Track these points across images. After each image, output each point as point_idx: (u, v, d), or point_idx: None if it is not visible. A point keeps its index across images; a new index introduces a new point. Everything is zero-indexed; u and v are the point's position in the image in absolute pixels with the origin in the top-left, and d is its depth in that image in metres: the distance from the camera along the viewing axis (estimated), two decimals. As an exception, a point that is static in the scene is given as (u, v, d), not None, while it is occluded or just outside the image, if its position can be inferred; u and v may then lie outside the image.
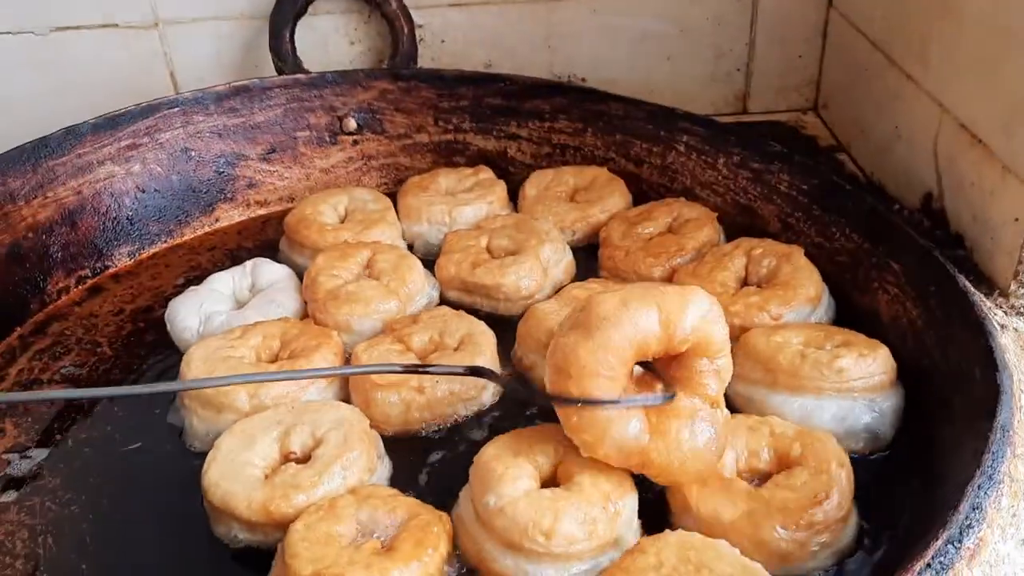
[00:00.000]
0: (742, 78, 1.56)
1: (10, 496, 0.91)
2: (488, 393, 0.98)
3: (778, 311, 0.99)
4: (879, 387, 0.90)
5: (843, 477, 0.79)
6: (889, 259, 1.03)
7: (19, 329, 1.13)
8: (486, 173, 1.32)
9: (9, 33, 1.43)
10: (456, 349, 0.99)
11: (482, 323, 1.03)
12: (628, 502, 0.79)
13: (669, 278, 1.09)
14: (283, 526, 0.81)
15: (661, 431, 0.78)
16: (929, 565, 0.64)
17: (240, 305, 1.11)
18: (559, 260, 1.15)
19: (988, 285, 1.03)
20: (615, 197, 1.24)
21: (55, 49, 1.45)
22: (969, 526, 0.67)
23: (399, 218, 1.26)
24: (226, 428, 0.92)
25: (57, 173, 1.20)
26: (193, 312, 1.08)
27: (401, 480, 0.90)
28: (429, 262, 1.17)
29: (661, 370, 0.81)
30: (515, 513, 0.76)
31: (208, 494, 0.84)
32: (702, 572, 0.70)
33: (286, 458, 0.88)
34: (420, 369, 0.93)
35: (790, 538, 0.75)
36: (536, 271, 1.10)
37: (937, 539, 0.65)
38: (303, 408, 0.92)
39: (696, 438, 0.78)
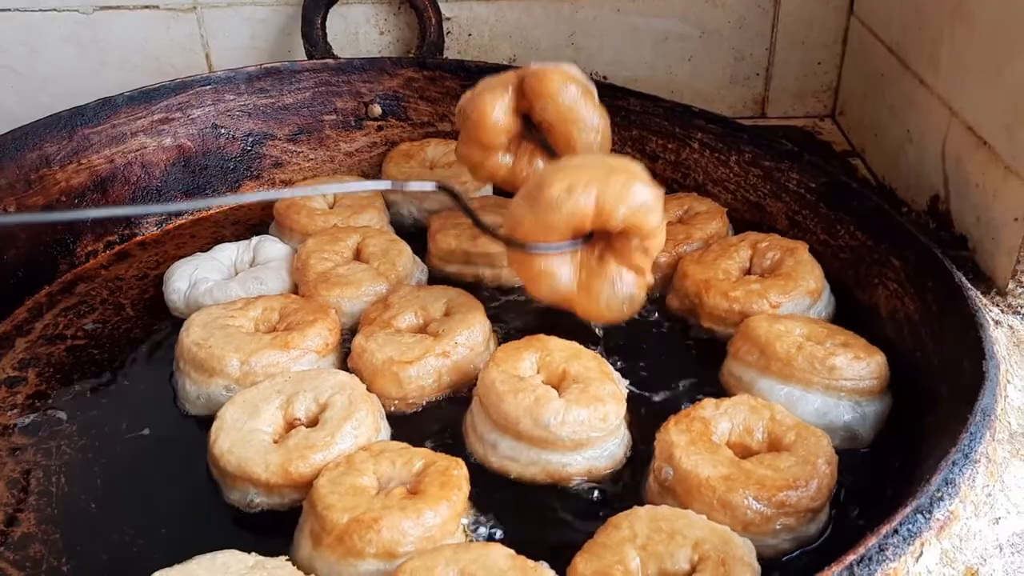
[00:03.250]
0: (761, 82, 1.59)
1: (29, 439, 0.96)
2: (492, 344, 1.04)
3: (777, 299, 1.02)
4: (867, 391, 0.92)
5: (826, 473, 0.81)
6: (890, 256, 1.05)
7: (48, 288, 1.19)
8: None
9: (55, 10, 1.49)
10: (447, 315, 1.03)
11: (443, 287, 1.09)
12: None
13: (674, 265, 1.12)
14: (299, 487, 0.84)
15: (586, 288, 0.96)
16: (896, 531, 0.66)
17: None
18: None
19: (987, 284, 1.05)
20: None
21: (97, 27, 1.51)
22: (940, 498, 0.69)
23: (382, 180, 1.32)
24: (216, 392, 0.97)
25: (92, 141, 1.25)
26: (185, 276, 1.12)
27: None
28: (404, 232, 1.23)
29: (599, 236, 0.96)
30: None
31: (221, 461, 0.86)
32: (676, 538, 0.73)
33: (291, 425, 0.91)
34: (399, 185, 1.03)
35: (757, 509, 0.78)
36: None
37: (906, 507, 0.67)
38: (300, 376, 0.95)
39: (613, 296, 0.95)
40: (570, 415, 0.87)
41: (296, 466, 0.84)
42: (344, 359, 1.04)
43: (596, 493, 0.89)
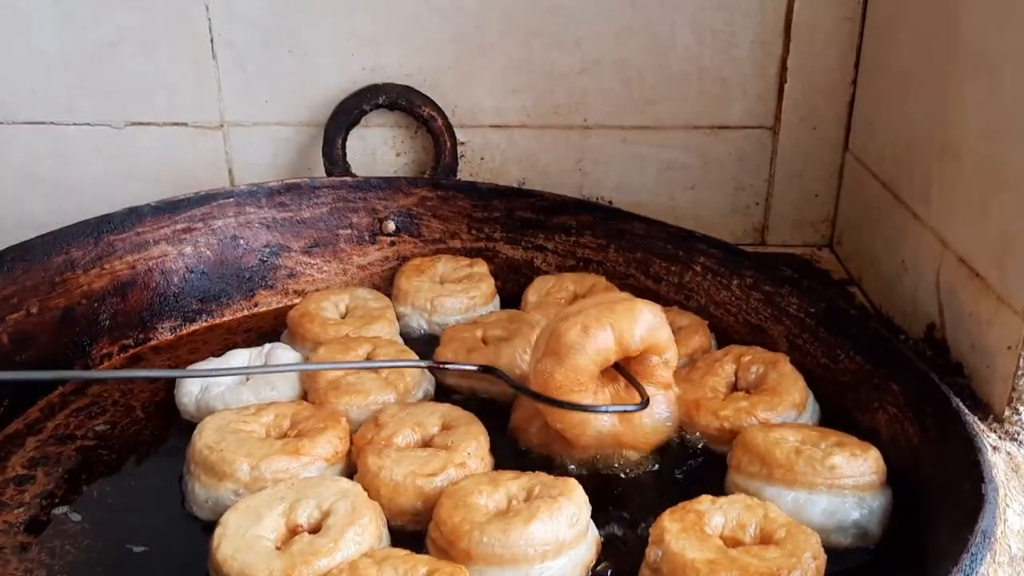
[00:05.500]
0: (761, 211, 1.65)
1: (33, 537, 0.96)
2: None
3: (765, 416, 1.06)
4: (868, 486, 0.94)
5: (811, 568, 0.83)
6: (889, 381, 1.07)
7: (61, 388, 1.20)
8: (480, 267, 1.41)
9: (88, 124, 1.57)
10: (444, 429, 1.05)
11: (432, 403, 1.11)
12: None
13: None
14: None
15: (628, 420, 1.02)
16: (901, 650, 0.66)
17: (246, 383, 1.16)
18: None
19: (984, 410, 1.07)
20: None
21: (127, 141, 1.58)
22: (944, 619, 0.70)
23: (392, 295, 1.37)
24: (225, 496, 0.97)
25: (116, 248, 1.30)
26: (198, 380, 1.15)
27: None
28: (412, 341, 1.27)
29: (623, 364, 1.04)
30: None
31: (224, 568, 0.86)
32: None
33: (293, 531, 0.91)
34: (440, 364, 1.14)
35: None
36: (527, 353, 1.17)
37: (910, 626, 0.68)
38: (303, 483, 0.95)
39: (655, 419, 1.04)
40: (578, 499, 0.90)
41: (300, 571, 0.84)
42: (351, 467, 1.04)
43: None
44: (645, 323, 0.99)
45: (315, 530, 0.91)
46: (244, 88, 1.56)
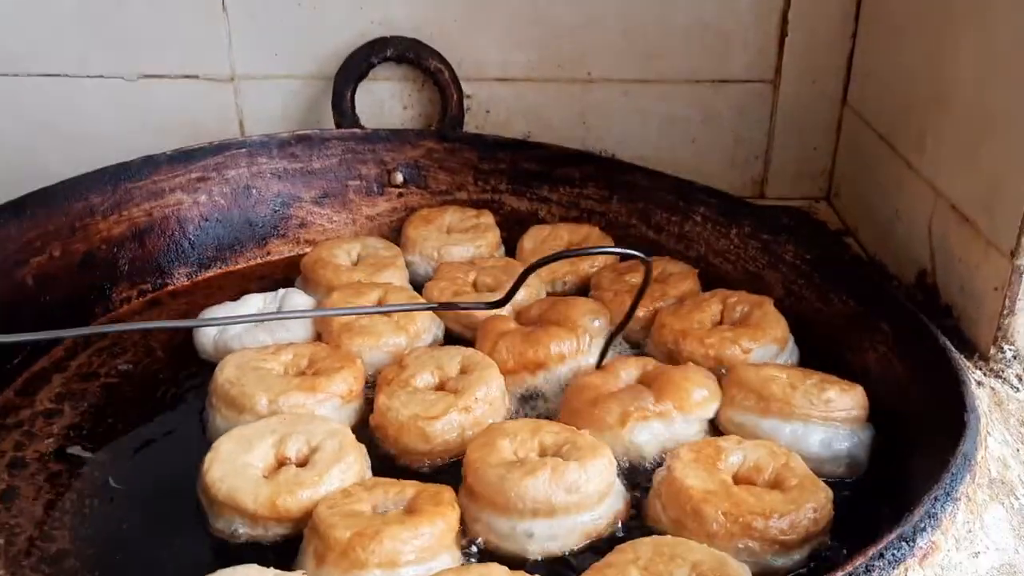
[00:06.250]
0: (760, 165, 1.68)
1: (64, 465, 1.02)
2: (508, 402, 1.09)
3: (748, 345, 1.11)
4: (858, 419, 1.00)
5: (809, 518, 0.85)
6: (880, 321, 1.12)
7: (84, 329, 1.25)
8: (486, 218, 1.45)
9: (101, 77, 1.60)
10: (462, 372, 1.08)
11: (456, 347, 1.14)
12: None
13: (652, 319, 1.21)
14: (283, 521, 0.90)
15: None
16: (882, 555, 0.72)
17: None
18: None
19: (971, 349, 1.11)
20: None
21: (141, 94, 1.61)
22: (923, 529, 0.75)
23: (400, 244, 1.41)
24: None
25: (133, 195, 1.34)
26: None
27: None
28: (419, 289, 1.30)
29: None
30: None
31: (212, 490, 0.91)
32: (675, 560, 0.78)
33: (281, 463, 0.96)
34: (448, 305, 1.18)
35: (722, 524, 0.83)
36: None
37: (891, 534, 0.73)
38: (295, 419, 1.00)
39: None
40: (591, 469, 0.89)
41: (284, 500, 0.89)
42: (366, 406, 1.09)
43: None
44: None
45: (302, 464, 0.96)
46: (254, 41, 1.59)
